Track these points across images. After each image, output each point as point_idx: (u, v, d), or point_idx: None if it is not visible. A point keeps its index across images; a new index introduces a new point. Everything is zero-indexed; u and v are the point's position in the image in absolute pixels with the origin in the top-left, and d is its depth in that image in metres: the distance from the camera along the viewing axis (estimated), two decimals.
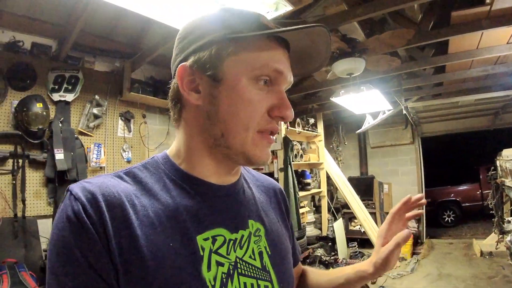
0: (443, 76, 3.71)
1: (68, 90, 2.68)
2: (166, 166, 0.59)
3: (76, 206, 0.47)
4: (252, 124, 0.54)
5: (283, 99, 0.56)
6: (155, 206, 0.52)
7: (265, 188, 0.75)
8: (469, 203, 7.45)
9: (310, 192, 4.95)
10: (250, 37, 0.54)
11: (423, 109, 5.34)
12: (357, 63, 2.76)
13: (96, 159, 2.83)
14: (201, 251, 0.52)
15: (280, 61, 0.55)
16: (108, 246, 0.46)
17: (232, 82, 0.54)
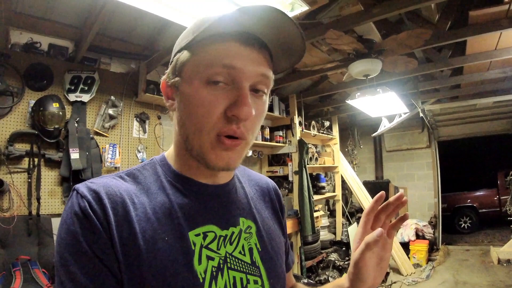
0: (461, 78, 3.60)
1: (84, 91, 2.71)
2: (163, 168, 0.63)
3: (82, 203, 0.51)
4: (206, 127, 0.55)
5: (238, 96, 0.54)
6: (152, 204, 0.57)
7: (259, 187, 0.77)
8: (486, 209, 7.17)
9: (325, 196, 4.88)
10: (204, 41, 0.55)
11: (440, 111, 5.18)
12: (373, 64, 2.70)
13: (111, 159, 2.84)
14: (192, 245, 0.56)
15: (231, 56, 0.54)
16: (111, 239, 0.50)
17: (186, 86, 0.56)
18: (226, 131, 0.54)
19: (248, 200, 0.70)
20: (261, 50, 0.56)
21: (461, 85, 4.02)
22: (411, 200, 6.32)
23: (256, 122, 0.58)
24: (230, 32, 0.54)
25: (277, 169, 4.53)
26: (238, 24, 0.53)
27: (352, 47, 2.58)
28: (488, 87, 3.95)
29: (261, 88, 0.58)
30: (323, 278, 3.53)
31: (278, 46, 0.58)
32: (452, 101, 4.42)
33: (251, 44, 0.55)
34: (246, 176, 0.77)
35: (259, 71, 0.55)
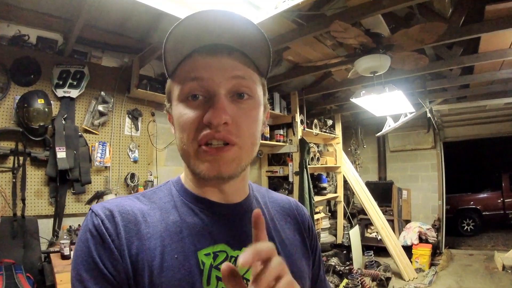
0: (471, 77, 3.45)
1: (73, 86, 2.57)
2: (177, 188, 0.65)
3: (96, 221, 0.54)
4: (187, 140, 0.57)
5: (214, 104, 0.55)
6: (164, 223, 0.58)
7: (281, 207, 0.76)
8: (489, 212, 7.00)
9: (326, 197, 4.76)
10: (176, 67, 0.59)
11: (449, 112, 5.02)
12: (382, 61, 2.53)
13: (101, 158, 2.71)
14: (201, 265, 0.56)
15: (198, 68, 0.56)
16: (122, 256, 0.52)
17: (173, 109, 0.61)
18: (204, 137, 0.55)
19: (266, 221, 0.67)
20: (231, 56, 0.57)
21: (470, 85, 3.87)
22: (414, 202, 6.16)
23: (243, 125, 0.57)
24: (195, 48, 0.57)
25: (277, 169, 4.39)
26: (198, 40, 0.56)
27: (359, 41, 2.42)
28: (498, 87, 3.80)
29: (244, 90, 0.57)
30: None
31: (249, 46, 0.58)
32: (459, 101, 4.27)
33: (218, 53, 0.56)
34: (268, 198, 0.76)
35: (230, 74, 0.56)
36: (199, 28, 0.54)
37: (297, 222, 0.75)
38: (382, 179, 6.46)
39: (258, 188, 0.76)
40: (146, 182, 3.03)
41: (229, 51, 0.57)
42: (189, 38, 0.55)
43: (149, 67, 3.07)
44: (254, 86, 0.59)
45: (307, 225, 0.77)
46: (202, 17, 0.53)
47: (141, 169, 3.06)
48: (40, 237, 2.41)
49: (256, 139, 0.61)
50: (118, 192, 2.86)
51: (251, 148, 0.60)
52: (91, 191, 2.70)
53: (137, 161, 3.02)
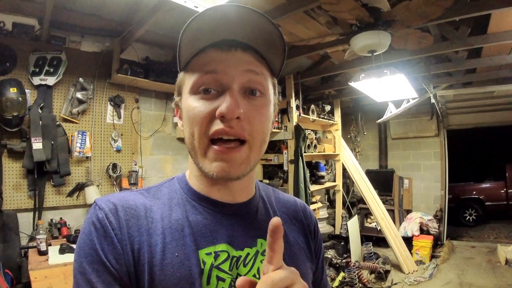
0: (478, 61, 3.34)
1: (50, 73, 2.52)
2: (181, 185, 0.66)
3: (100, 214, 0.56)
4: (197, 133, 0.57)
5: (226, 97, 0.55)
6: (167, 219, 0.59)
7: (287, 208, 0.76)
8: (492, 202, 6.99)
9: (324, 186, 4.73)
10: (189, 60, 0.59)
11: (454, 98, 4.92)
12: (381, 38, 2.40)
13: (80, 149, 2.67)
14: (202, 264, 0.57)
15: (213, 62, 0.57)
16: (124, 250, 0.54)
17: (183, 103, 0.61)
18: (216, 132, 0.55)
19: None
20: (245, 52, 0.58)
21: (477, 70, 3.76)
22: (416, 192, 6.13)
23: (255, 123, 0.58)
24: (211, 43, 0.57)
25: (272, 157, 4.35)
26: (214, 34, 0.56)
27: (355, 15, 2.30)
28: (507, 72, 3.68)
29: (256, 87, 0.58)
30: None
31: (264, 45, 0.59)
32: (465, 87, 4.16)
33: (232, 48, 0.57)
34: (274, 197, 0.76)
35: (245, 68, 0.57)
36: (216, 22, 0.55)
37: (302, 224, 0.76)
38: (383, 168, 6.43)
39: (265, 187, 0.77)
40: (130, 172, 3.00)
41: (244, 48, 0.58)
42: (205, 32, 0.56)
43: (133, 51, 2.99)
44: (266, 83, 0.60)
45: (312, 228, 0.77)
46: (220, 12, 0.54)
47: (125, 159, 3.02)
48: (20, 232, 2.40)
49: (266, 137, 0.62)
50: (100, 183, 2.83)
51: (260, 147, 0.61)
52: (72, 182, 2.68)
53: (120, 151, 2.99)
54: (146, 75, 2.90)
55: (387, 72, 2.87)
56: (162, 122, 3.37)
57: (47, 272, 1.94)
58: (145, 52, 3.12)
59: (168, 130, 3.46)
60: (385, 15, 2.34)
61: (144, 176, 3.15)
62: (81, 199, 2.71)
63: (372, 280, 3.98)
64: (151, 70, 2.93)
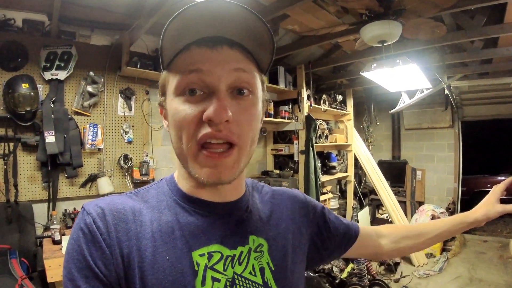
0: (494, 51, 3.23)
1: (60, 68, 2.57)
2: (170, 187, 0.65)
3: (88, 219, 0.55)
4: (185, 137, 0.56)
5: (213, 100, 0.54)
6: (157, 222, 0.58)
7: (276, 200, 0.76)
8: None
9: (336, 177, 4.72)
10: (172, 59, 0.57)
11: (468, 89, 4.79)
12: (391, 28, 2.36)
13: (92, 141, 2.73)
14: (195, 266, 0.56)
15: (197, 61, 0.54)
16: (113, 255, 0.53)
17: (167, 103, 0.60)
18: (204, 137, 0.54)
19: (260, 217, 0.69)
20: (232, 49, 0.56)
21: (493, 60, 3.64)
22: (429, 184, 6.06)
23: (244, 125, 0.57)
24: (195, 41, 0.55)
25: (283, 147, 4.35)
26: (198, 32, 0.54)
27: (364, 5, 2.26)
28: None
29: (244, 86, 0.57)
30: (327, 268, 3.44)
31: (252, 41, 0.57)
32: (481, 77, 4.05)
33: (218, 45, 0.55)
34: (263, 192, 0.77)
35: (231, 67, 0.55)
36: (199, 19, 0.53)
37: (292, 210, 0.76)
38: (396, 158, 6.36)
39: (254, 183, 0.77)
40: (141, 163, 3.06)
41: (231, 45, 0.56)
42: (188, 29, 0.54)
43: (142, 43, 3.01)
44: (254, 81, 0.59)
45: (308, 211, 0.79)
46: (203, 8, 0.51)
47: (136, 150, 3.08)
48: (35, 222, 2.50)
49: (255, 138, 0.61)
50: (112, 174, 2.91)
51: (250, 148, 0.60)
52: (85, 174, 2.76)
53: (131, 142, 3.05)
54: (156, 67, 2.93)
55: (399, 62, 2.82)
56: None
57: (61, 261, 1.98)
58: (155, 44, 3.13)
59: None
60: (395, 4, 2.29)
61: (155, 166, 3.21)
62: (94, 189, 2.79)
63: (381, 272, 4.00)
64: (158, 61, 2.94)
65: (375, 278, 3.41)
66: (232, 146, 0.56)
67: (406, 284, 3.73)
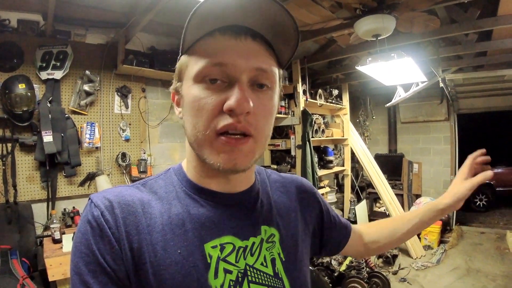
0: (488, 44, 3.27)
1: (56, 67, 2.58)
2: (179, 177, 0.64)
3: (96, 212, 0.54)
4: (202, 125, 0.55)
5: (234, 91, 0.54)
6: (166, 215, 0.58)
7: (285, 188, 0.76)
8: (503, 188, 6.99)
9: (333, 171, 4.77)
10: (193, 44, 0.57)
11: (463, 82, 4.83)
12: (385, 22, 2.40)
13: (90, 139, 2.75)
14: (208, 258, 0.56)
15: (220, 52, 0.54)
16: (121, 249, 0.52)
17: (183, 88, 0.59)
18: (225, 127, 0.54)
19: (271, 207, 0.69)
20: (255, 42, 0.56)
21: (487, 53, 3.68)
22: (425, 177, 6.13)
23: (261, 118, 0.57)
24: (219, 28, 0.55)
25: (279, 142, 4.39)
26: (224, 19, 0.54)
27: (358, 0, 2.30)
28: None
29: (264, 82, 0.57)
30: (326, 261, 3.50)
31: (275, 35, 0.57)
32: (475, 70, 4.09)
33: (242, 36, 0.55)
34: (272, 180, 0.76)
35: (253, 65, 0.55)
36: (227, 6, 0.52)
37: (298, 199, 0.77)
38: (392, 152, 6.42)
39: (261, 170, 0.76)
40: (139, 160, 3.08)
41: (253, 36, 0.56)
42: (215, 15, 0.53)
43: (138, 41, 3.03)
44: (275, 78, 0.59)
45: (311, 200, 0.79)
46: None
47: (134, 148, 3.11)
48: (35, 221, 2.52)
49: (270, 132, 0.61)
50: (110, 172, 2.93)
51: (265, 141, 0.60)
52: (83, 172, 2.78)
53: (129, 140, 3.07)
54: (152, 64, 2.94)
55: (394, 55, 2.85)
56: (169, 110, 3.43)
57: (62, 259, 2.03)
58: (150, 41, 3.15)
59: (176, 118, 3.48)
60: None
61: (153, 164, 3.24)
62: (93, 188, 2.81)
63: (380, 265, 4.06)
64: (156, 59, 2.97)
65: (374, 271, 3.47)
66: (247, 136, 0.56)
67: (404, 276, 3.80)
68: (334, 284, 3.29)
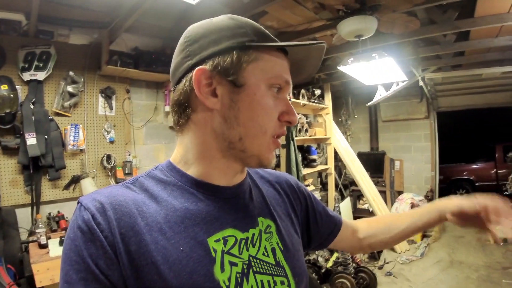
0: (466, 44, 3.40)
1: (39, 68, 2.55)
2: (172, 173, 0.63)
3: (86, 215, 0.51)
4: (269, 129, 0.60)
5: (290, 106, 0.62)
6: (163, 212, 0.56)
7: (271, 183, 0.79)
8: (482, 182, 7.33)
9: (316, 169, 4.85)
10: (267, 47, 0.60)
11: (442, 81, 5.05)
12: (367, 23, 2.48)
13: (74, 141, 2.73)
14: (213, 252, 0.56)
15: (288, 72, 0.62)
16: (116, 253, 0.50)
17: (253, 88, 0.58)
18: (279, 133, 0.62)
19: (263, 199, 0.72)
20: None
21: (465, 52, 3.83)
22: (407, 174, 6.35)
23: None
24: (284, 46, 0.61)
25: None
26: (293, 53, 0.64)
27: (341, 1, 2.38)
28: (495, 55, 3.77)
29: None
30: (312, 258, 3.58)
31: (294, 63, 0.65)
32: (454, 69, 4.25)
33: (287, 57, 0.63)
34: (259, 175, 0.80)
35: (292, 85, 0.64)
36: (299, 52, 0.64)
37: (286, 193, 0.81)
38: (374, 150, 6.61)
39: None
40: (124, 162, 3.08)
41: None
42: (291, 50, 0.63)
43: (122, 42, 3.02)
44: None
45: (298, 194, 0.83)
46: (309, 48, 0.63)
47: (118, 150, 3.10)
48: (19, 227, 2.47)
49: None
50: (95, 175, 2.91)
51: None
52: (68, 176, 2.75)
53: (113, 142, 3.06)
54: (136, 65, 2.95)
55: (375, 55, 2.94)
56: (153, 112, 3.44)
57: (49, 264, 2.01)
58: (134, 42, 3.14)
59: (160, 119, 3.53)
60: (370, 0, 2.42)
61: (138, 165, 3.24)
62: (78, 191, 2.79)
63: (365, 260, 4.17)
64: (141, 60, 2.97)
65: (360, 266, 3.57)
66: None
67: (390, 270, 3.92)
68: (322, 281, 3.36)
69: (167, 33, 3.13)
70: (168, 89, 3.40)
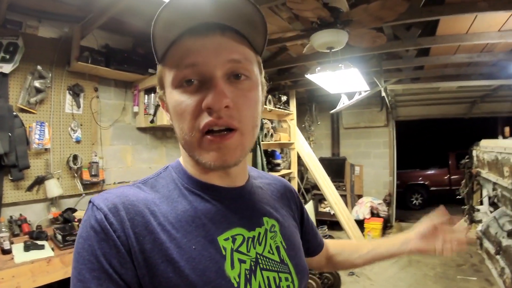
0: (426, 59, 3.71)
1: (5, 60, 2.40)
2: (179, 175, 0.66)
3: (99, 215, 0.53)
4: (187, 127, 0.57)
5: (208, 89, 0.56)
6: (174, 212, 0.58)
7: (273, 187, 0.82)
8: (436, 187, 7.96)
9: (280, 173, 4.98)
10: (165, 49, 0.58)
11: (403, 92, 5.45)
12: (339, 36, 2.62)
13: (39, 140, 2.61)
14: (223, 250, 0.58)
15: (191, 53, 0.56)
16: (130, 252, 0.52)
17: (167, 97, 0.61)
18: (206, 125, 0.56)
19: (267, 200, 0.75)
20: (224, 35, 0.57)
21: (425, 67, 4.17)
22: (367, 178, 6.70)
23: (244, 109, 0.58)
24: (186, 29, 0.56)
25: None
26: (190, 19, 0.55)
27: (316, 14, 2.49)
28: (451, 71, 4.15)
29: (240, 71, 0.58)
30: None
31: (244, 24, 0.58)
32: (413, 82, 4.60)
33: (210, 31, 0.56)
34: (260, 177, 0.82)
35: (225, 58, 0.56)
36: (188, 7, 0.54)
37: (287, 198, 0.84)
38: (336, 155, 6.90)
39: (250, 168, 0.79)
40: (90, 163, 2.98)
41: (222, 30, 0.57)
42: (179, 19, 0.54)
43: (92, 38, 2.94)
44: (251, 66, 0.60)
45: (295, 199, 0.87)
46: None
47: (85, 150, 3.00)
48: None
49: (257, 121, 0.62)
50: (60, 175, 2.80)
51: (252, 132, 0.61)
52: (31, 176, 2.61)
53: (80, 141, 2.95)
54: (107, 63, 2.88)
55: (342, 66, 3.12)
56: (121, 112, 3.36)
57: (14, 271, 1.90)
58: (104, 39, 3.07)
59: (128, 120, 3.47)
60: (344, 15, 2.57)
61: (104, 167, 3.15)
62: (41, 193, 2.65)
63: None
64: (112, 58, 2.91)
65: None
66: (232, 130, 0.57)
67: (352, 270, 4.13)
68: None
69: (139, 32, 3.10)
70: (137, 89, 3.36)
